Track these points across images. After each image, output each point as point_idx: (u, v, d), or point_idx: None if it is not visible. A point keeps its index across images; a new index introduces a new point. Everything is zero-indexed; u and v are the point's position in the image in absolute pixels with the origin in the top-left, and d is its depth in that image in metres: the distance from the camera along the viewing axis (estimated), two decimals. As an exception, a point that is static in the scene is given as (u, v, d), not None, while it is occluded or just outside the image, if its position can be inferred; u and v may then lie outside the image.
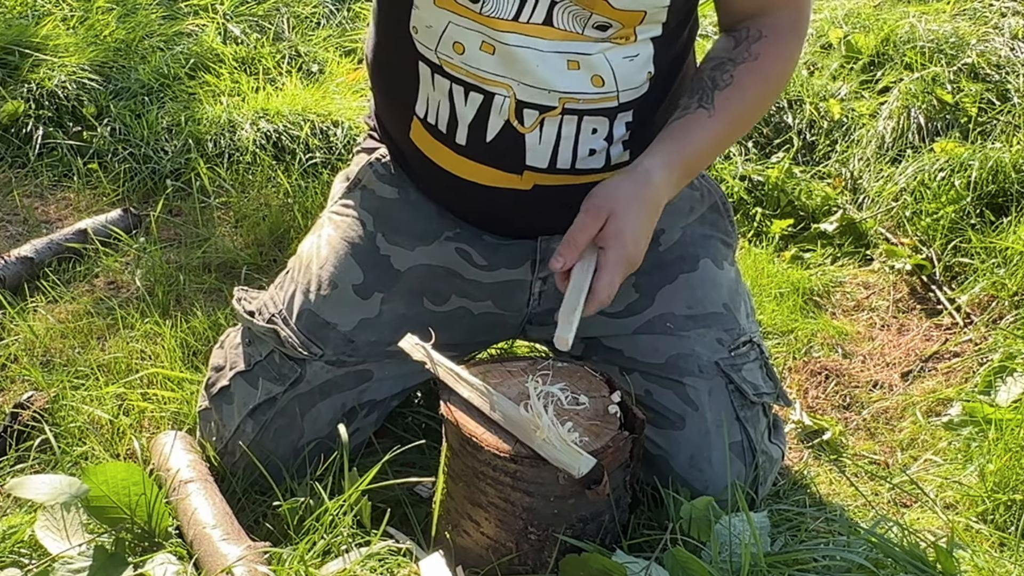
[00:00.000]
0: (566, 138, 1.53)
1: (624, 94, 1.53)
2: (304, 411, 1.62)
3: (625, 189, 1.45)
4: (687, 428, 1.59)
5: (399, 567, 1.46)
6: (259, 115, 2.77)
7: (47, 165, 2.70)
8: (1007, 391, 1.97)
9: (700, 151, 1.52)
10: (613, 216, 1.43)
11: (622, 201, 1.43)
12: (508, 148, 1.54)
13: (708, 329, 1.63)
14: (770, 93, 1.61)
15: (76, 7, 3.24)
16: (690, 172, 1.54)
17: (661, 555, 1.40)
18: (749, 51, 1.53)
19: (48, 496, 1.46)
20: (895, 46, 2.99)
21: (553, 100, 1.51)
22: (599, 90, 1.51)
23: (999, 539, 1.68)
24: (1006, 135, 2.62)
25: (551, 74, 1.49)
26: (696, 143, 1.50)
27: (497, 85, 1.50)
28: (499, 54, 1.48)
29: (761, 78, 1.54)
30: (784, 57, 1.57)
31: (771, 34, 1.54)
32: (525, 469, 1.37)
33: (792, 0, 1.57)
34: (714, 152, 1.58)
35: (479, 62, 1.50)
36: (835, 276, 2.40)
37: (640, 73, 1.53)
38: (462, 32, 1.49)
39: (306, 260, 1.70)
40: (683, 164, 1.50)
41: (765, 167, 2.70)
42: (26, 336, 2.07)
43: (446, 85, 1.53)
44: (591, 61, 1.49)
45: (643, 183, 1.46)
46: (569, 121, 1.52)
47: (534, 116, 1.51)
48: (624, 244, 1.43)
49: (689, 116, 1.51)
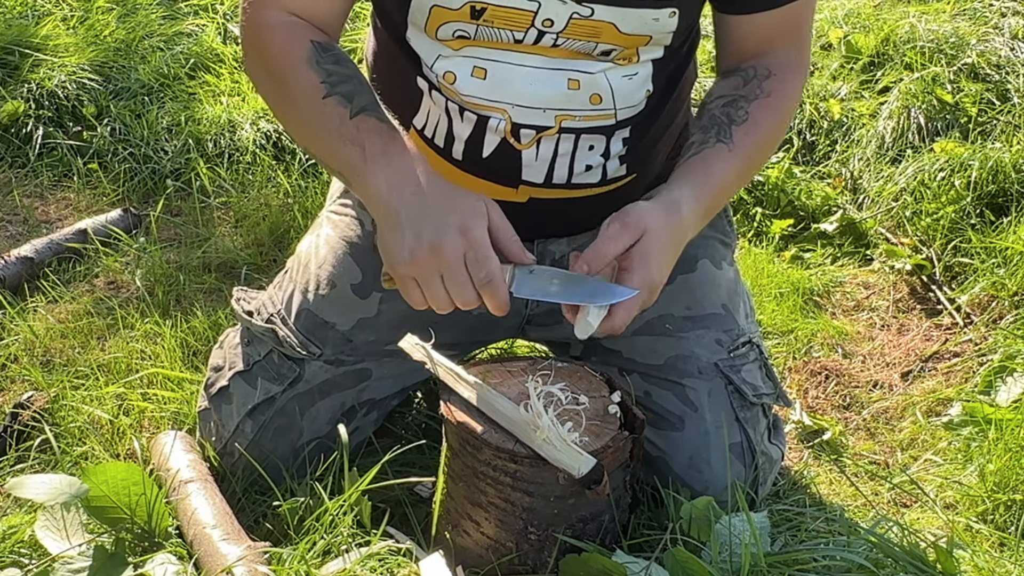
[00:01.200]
0: (563, 155, 1.53)
1: (622, 112, 1.52)
2: (303, 411, 1.62)
3: (658, 214, 1.39)
4: (686, 429, 1.59)
5: (399, 567, 1.46)
6: (259, 115, 2.77)
7: (47, 165, 2.70)
8: (1007, 391, 1.97)
9: (723, 186, 1.48)
10: (646, 235, 1.37)
11: (655, 224, 1.38)
12: (504, 164, 1.53)
13: (707, 330, 1.63)
14: (782, 128, 1.59)
15: (76, 7, 3.24)
16: (712, 209, 1.49)
17: (661, 555, 1.40)
18: (761, 88, 1.51)
19: (48, 496, 1.46)
20: (895, 46, 3.00)
21: (549, 119, 1.50)
22: (596, 108, 1.50)
23: (999, 539, 1.68)
24: (1006, 135, 2.62)
25: (547, 92, 1.47)
26: (718, 178, 1.47)
27: (491, 110, 1.50)
28: (491, 77, 1.47)
29: (774, 114, 1.52)
30: (792, 93, 1.56)
31: (779, 72, 1.53)
32: (525, 469, 1.37)
33: (796, 38, 1.56)
34: (733, 189, 1.54)
35: (471, 89, 1.48)
36: (835, 276, 2.40)
37: (639, 91, 1.53)
38: (455, 62, 1.48)
39: (304, 260, 1.70)
40: (709, 200, 1.46)
41: (765, 167, 2.70)
42: (26, 336, 2.07)
43: (443, 102, 1.53)
44: (591, 80, 1.48)
45: (675, 212, 1.41)
46: (566, 139, 1.52)
47: (531, 135, 1.51)
48: (649, 269, 1.36)
49: (708, 151, 1.47)
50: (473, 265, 1.30)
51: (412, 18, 1.48)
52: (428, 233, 1.31)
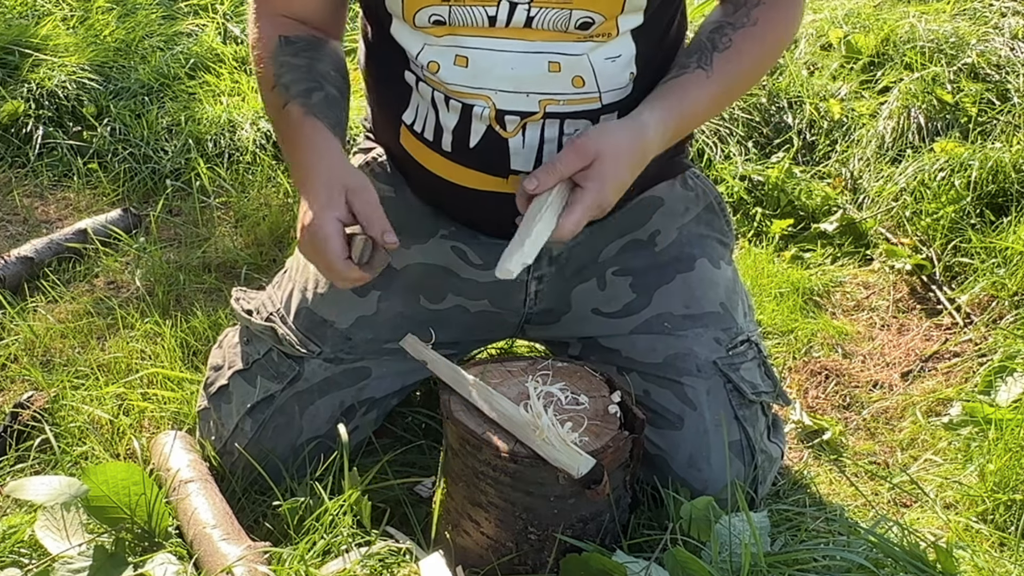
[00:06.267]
0: (549, 141, 1.53)
1: (607, 95, 1.53)
2: (303, 409, 1.62)
3: (619, 137, 1.44)
4: (686, 428, 1.59)
5: (399, 567, 1.46)
6: (259, 115, 2.77)
7: (47, 165, 2.70)
8: (1007, 391, 1.97)
9: (695, 111, 1.53)
10: (600, 158, 1.42)
11: (613, 147, 1.43)
12: (492, 153, 1.54)
13: (705, 329, 1.63)
14: (767, 59, 1.61)
15: (76, 7, 3.25)
16: (682, 130, 1.55)
17: (661, 555, 1.40)
18: (748, 16, 1.53)
19: (48, 497, 1.46)
20: (895, 46, 3.00)
21: (533, 104, 1.50)
22: (580, 91, 1.51)
23: (999, 539, 1.68)
24: (1006, 135, 2.62)
25: (529, 77, 1.48)
26: (692, 102, 1.51)
27: (475, 97, 1.50)
28: (472, 65, 1.48)
29: (759, 43, 1.54)
30: (782, 23, 1.57)
31: (769, 0, 1.54)
32: (525, 469, 1.37)
33: None
34: (708, 113, 1.60)
35: (454, 77, 1.49)
36: (835, 276, 2.40)
37: (623, 73, 1.53)
38: (437, 51, 1.49)
39: (304, 259, 1.70)
40: (678, 121, 1.51)
41: (765, 167, 2.70)
42: (26, 336, 2.07)
43: (429, 93, 1.53)
44: (573, 62, 1.49)
45: (638, 135, 1.46)
46: (551, 124, 1.52)
47: (516, 122, 1.51)
48: (603, 188, 1.42)
49: (687, 75, 1.51)
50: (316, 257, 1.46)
51: (391, 7, 1.49)
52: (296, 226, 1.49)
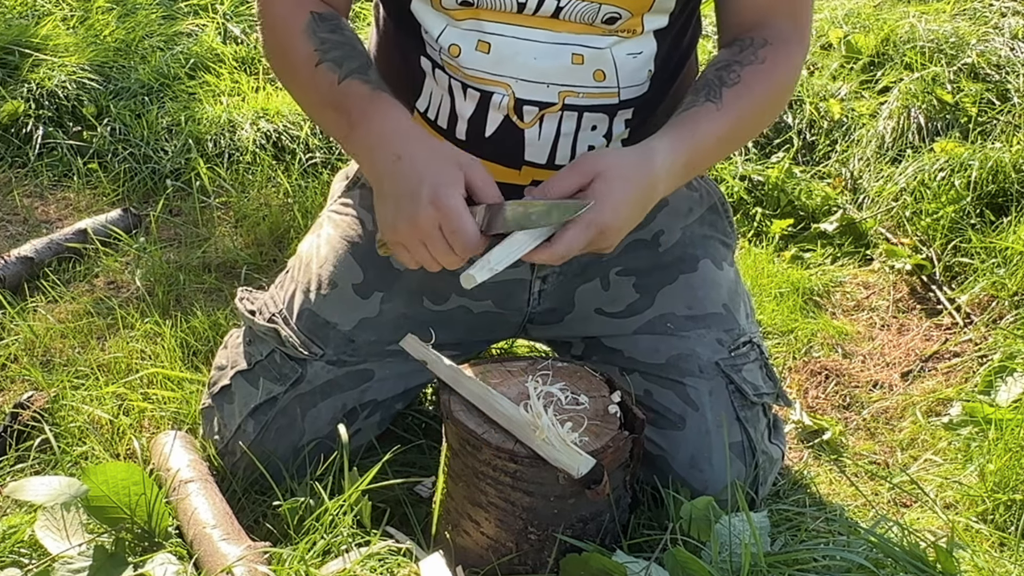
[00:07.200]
0: (565, 135, 1.53)
1: (625, 91, 1.53)
2: (305, 411, 1.62)
3: (623, 160, 1.40)
4: (687, 428, 1.59)
5: (399, 567, 1.46)
6: (259, 115, 2.77)
7: (47, 165, 2.70)
8: (1007, 391, 1.97)
9: (707, 145, 1.48)
10: (600, 179, 1.37)
11: (615, 167, 1.39)
12: (507, 143, 1.54)
13: (708, 329, 1.64)
14: (776, 98, 1.58)
15: (76, 7, 3.25)
16: (693, 166, 1.50)
17: (661, 555, 1.40)
18: (756, 55, 1.52)
19: (47, 498, 1.46)
20: (895, 46, 3.00)
21: (552, 95, 1.51)
22: (599, 85, 1.51)
23: (999, 539, 1.68)
24: (1006, 135, 2.62)
25: (550, 66, 1.48)
26: (703, 135, 1.47)
27: (495, 84, 1.50)
28: (495, 51, 1.48)
29: (768, 81, 1.52)
30: (788, 64, 1.55)
31: (775, 42, 1.53)
32: (525, 469, 1.37)
33: (791, 9, 1.56)
34: (719, 150, 1.55)
35: (475, 63, 1.49)
36: (835, 276, 2.40)
37: (642, 71, 1.53)
38: (460, 34, 1.49)
39: (306, 259, 1.70)
40: (688, 154, 1.46)
41: (765, 167, 2.70)
42: (26, 336, 2.07)
43: (446, 80, 1.53)
44: (596, 55, 1.49)
45: (645, 160, 1.41)
46: (569, 117, 1.52)
47: (534, 112, 1.52)
48: (602, 208, 1.35)
49: (697, 108, 1.48)
50: (449, 236, 1.34)
51: None
52: (405, 205, 1.35)
